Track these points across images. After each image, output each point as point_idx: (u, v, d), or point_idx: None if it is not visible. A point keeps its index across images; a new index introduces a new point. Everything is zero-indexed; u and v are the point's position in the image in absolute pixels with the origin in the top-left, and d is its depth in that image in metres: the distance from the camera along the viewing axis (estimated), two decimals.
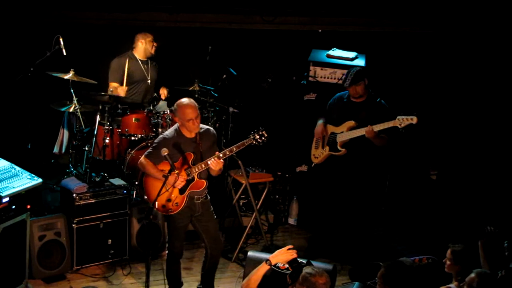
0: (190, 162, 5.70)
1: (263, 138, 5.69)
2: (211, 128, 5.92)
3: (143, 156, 5.74)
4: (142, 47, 7.61)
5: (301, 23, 8.66)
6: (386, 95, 7.58)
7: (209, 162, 5.63)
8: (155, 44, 7.63)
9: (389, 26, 8.67)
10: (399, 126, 6.31)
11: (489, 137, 8.44)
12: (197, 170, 5.69)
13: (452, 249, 5.13)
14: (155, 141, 5.85)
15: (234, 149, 5.68)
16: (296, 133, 7.79)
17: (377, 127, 6.47)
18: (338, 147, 6.76)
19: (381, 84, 8.00)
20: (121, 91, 7.45)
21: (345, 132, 6.70)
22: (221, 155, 5.65)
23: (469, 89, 8.52)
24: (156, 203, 5.61)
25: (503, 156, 8.31)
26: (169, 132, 5.79)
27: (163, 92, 7.80)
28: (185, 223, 5.86)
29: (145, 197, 5.88)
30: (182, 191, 5.70)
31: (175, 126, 5.79)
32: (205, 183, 5.77)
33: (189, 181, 5.71)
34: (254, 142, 5.70)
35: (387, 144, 6.63)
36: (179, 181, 5.61)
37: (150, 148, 5.76)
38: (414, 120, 6.27)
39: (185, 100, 5.68)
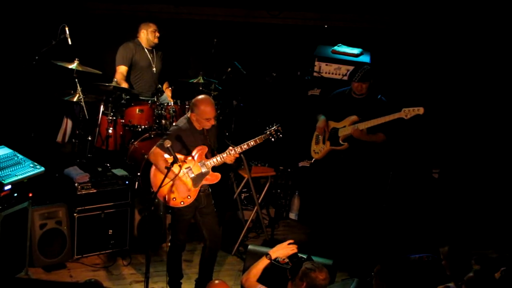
0: (204, 155, 5.70)
1: (278, 133, 5.75)
2: None
3: (155, 146, 5.64)
4: (145, 37, 7.63)
5: (306, 18, 8.66)
6: (390, 93, 7.58)
7: (224, 156, 5.65)
8: (157, 33, 7.62)
9: (394, 24, 8.66)
10: (405, 117, 6.28)
11: (492, 135, 8.44)
12: (211, 163, 5.70)
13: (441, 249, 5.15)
14: (168, 131, 5.81)
15: (252, 144, 5.71)
16: (299, 128, 7.78)
17: (366, 125, 6.47)
18: (340, 141, 6.73)
19: (385, 82, 8.01)
20: (125, 85, 7.45)
21: (347, 127, 6.68)
22: (238, 149, 5.66)
23: (472, 88, 8.51)
24: (166, 196, 5.59)
25: (505, 155, 8.32)
26: (183, 123, 5.73)
27: (168, 94, 7.79)
28: (190, 215, 5.84)
29: (152, 190, 5.80)
30: (196, 184, 5.68)
31: (186, 117, 5.75)
32: (219, 176, 5.76)
33: (203, 174, 5.70)
34: (270, 137, 5.74)
35: (385, 140, 6.60)
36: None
37: (162, 139, 5.61)
38: (420, 110, 6.21)
39: (206, 98, 5.65)
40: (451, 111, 8.56)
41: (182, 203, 5.69)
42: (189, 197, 5.68)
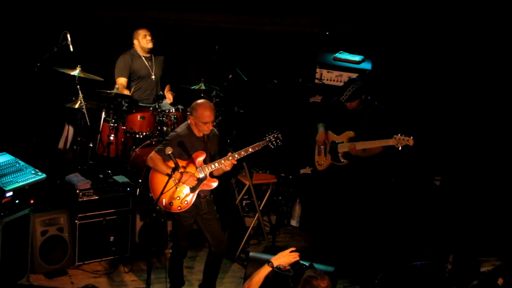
0: (202, 161, 5.71)
1: (278, 141, 5.74)
2: (214, 128, 5.94)
3: (153, 151, 5.70)
4: (138, 45, 7.66)
5: (308, 25, 8.67)
6: (391, 100, 7.59)
7: (222, 162, 5.65)
8: (148, 37, 7.62)
9: (396, 31, 8.67)
10: (396, 146, 6.29)
11: (493, 142, 8.43)
12: (209, 169, 5.70)
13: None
14: (167, 137, 5.85)
15: (250, 150, 5.71)
16: (300, 135, 7.78)
17: (363, 145, 6.48)
18: (340, 159, 6.76)
19: (386, 88, 8.01)
20: (127, 92, 7.48)
21: (345, 143, 6.70)
22: (236, 155, 5.67)
23: (474, 93, 8.51)
24: (164, 200, 5.61)
25: (507, 161, 8.31)
26: (182, 129, 5.78)
27: (169, 98, 7.80)
28: (190, 221, 5.86)
29: (150, 194, 5.86)
30: (193, 189, 5.70)
31: (187, 123, 5.78)
32: (217, 182, 5.77)
33: (201, 180, 5.71)
34: (269, 144, 5.73)
35: (382, 151, 6.62)
36: (191, 180, 5.60)
37: (161, 144, 5.72)
38: (410, 141, 6.23)
39: (205, 102, 5.69)
40: (453, 117, 8.56)
41: (179, 208, 5.71)
42: (186, 202, 5.70)
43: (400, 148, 6.27)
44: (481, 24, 8.36)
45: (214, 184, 5.77)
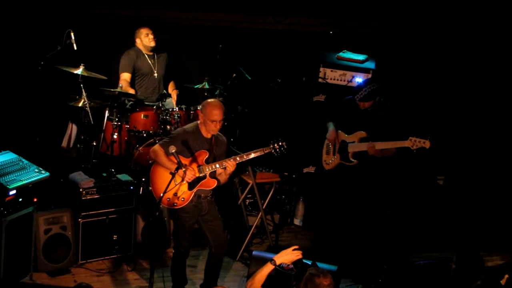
0: (204, 160, 5.71)
1: (282, 149, 5.73)
2: (224, 137, 5.93)
3: (157, 144, 5.70)
4: (141, 43, 7.67)
5: (312, 24, 8.67)
6: (395, 99, 7.58)
7: (224, 164, 5.65)
8: (151, 36, 7.63)
9: (400, 30, 8.67)
10: (411, 147, 6.26)
11: (497, 141, 8.42)
12: (210, 169, 5.69)
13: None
14: (174, 132, 5.87)
15: (252, 155, 5.70)
16: (304, 134, 7.77)
17: (382, 145, 6.46)
18: (350, 158, 6.74)
19: (391, 88, 8.01)
20: (132, 91, 7.49)
21: (356, 143, 6.68)
22: (238, 158, 5.66)
23: (478, 93, 8.50)
24: (161, 194, 5.60)
25: (510, 160, 8.30)
26: (189, 126, 5.79)
27: (174, 97, 7.81)
28: (192, 222, 5.85)
29: (150, 188, 5.86)
30: (191, 187, 5.70)
31: (196, 122, 5.79)
32: (215, 183, 5.76)
33: (200, 179, 5.71)
34: (272, 151, 5.73)
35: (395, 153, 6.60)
36: (189, 175, 5.59)
37: (167, 138, 5.73)
38: (426, 144, 6.20)
39: (216, 101, 5.72)
40: (456, 117, 8.55)
41: (174, 204, 5.71)
42: (182, 199, 5.69)
43: (415, 151, 6.25)
44: (482, 24, 8.35)
45: (213, 184, 5.76)
